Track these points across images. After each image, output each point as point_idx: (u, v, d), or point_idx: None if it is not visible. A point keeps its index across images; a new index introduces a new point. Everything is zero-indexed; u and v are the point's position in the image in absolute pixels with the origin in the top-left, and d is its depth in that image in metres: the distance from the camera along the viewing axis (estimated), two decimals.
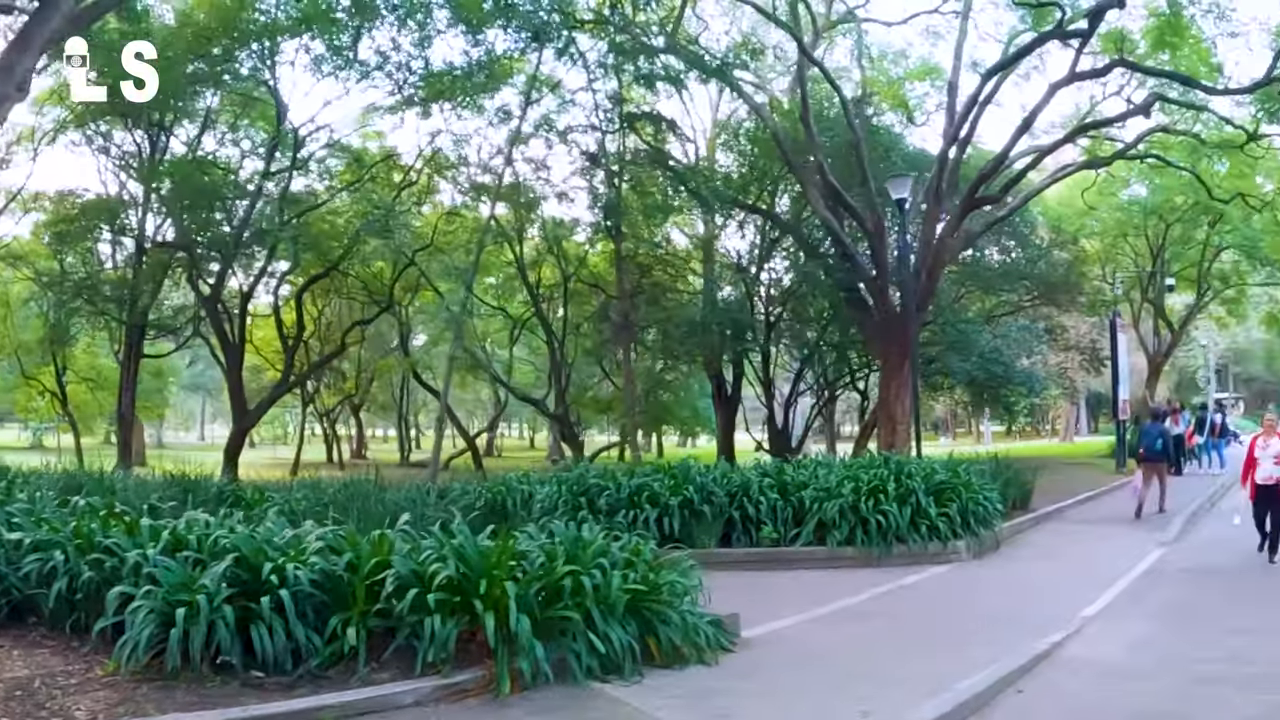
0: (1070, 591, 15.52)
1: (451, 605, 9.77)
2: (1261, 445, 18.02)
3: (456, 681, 9.49)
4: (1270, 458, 17.68)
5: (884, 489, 18.49)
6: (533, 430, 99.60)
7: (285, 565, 9.86)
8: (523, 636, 9.44)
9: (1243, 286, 61.45)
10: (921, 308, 31.07)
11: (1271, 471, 17.53)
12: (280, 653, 9.43)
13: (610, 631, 10.07)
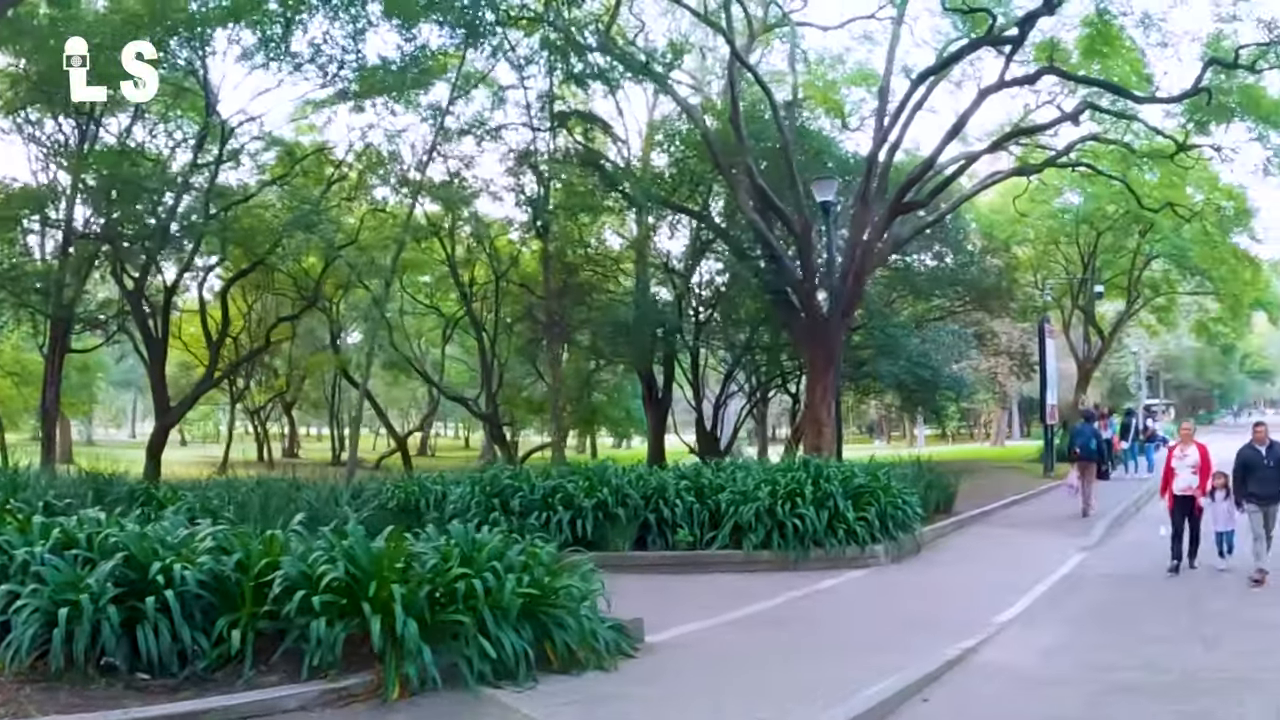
0: (988, 596, 15.41)
1: (340, 608, 9.53)
2: (1179, 455, 17.88)
3: (343, 686, 9.25)
4: (1188, 468, 17.48)
5: (801, 492, 18.25)
6: (468, 430, 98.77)
7: (173, 565, 9.58)
8: (410, 640, 9.22)
9: (1173, 295, 61.80)
10: (848, 311, 30.97)
11: (1190, 482, 17.36)
12: (166, 654, 9.18)
13: (503, 636, 9.87)
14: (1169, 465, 18.10)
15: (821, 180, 27.15)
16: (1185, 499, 17.41)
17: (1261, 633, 12.82)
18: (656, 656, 11.47)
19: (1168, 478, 17.95)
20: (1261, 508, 16.19)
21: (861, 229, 30.83)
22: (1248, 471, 16.61)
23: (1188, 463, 17.53)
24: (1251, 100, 33.02)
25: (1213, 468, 17.55)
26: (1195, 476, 17.39)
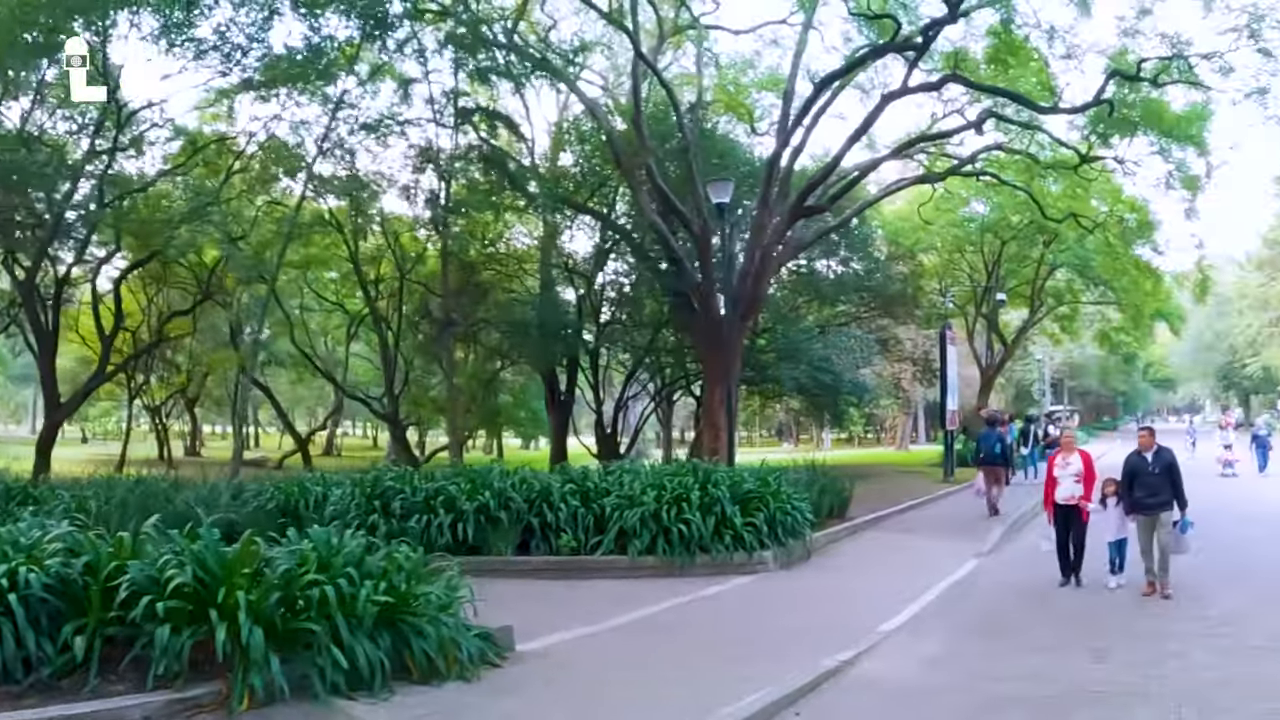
0: (875, 603, 15.13)
1: (187, 614, 9.15)
2: (1061, 463, 17.10)
3: (190, 696, 8.85)
4: (1071, 476, 16.81)
5: (688, 498, 17.93)
6: (375, 430, 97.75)
7: (19, 568, 9.16)
8: (255, 649, 8.85)
9: (1076, 304, 62.49)
10: (747, 315, 30.83)
11: (1073, 491, 16.72)
12: (11, 661, 8.78)
13: (358, 645, 9.53)
14: (1050, 474, 17.34)
15: (718, 181, 26.48)
16: (1067, 509, 16.76)
17: (1152, 643, 12.58)
18: (525, 666, 11.16)
19: (1050, 487, 17.22)
20: (1147, 516, 15.70)
21: (762, 232, 30.69)
22: (1134, 479, 16.04)
23: (1070, 471, 16.82)
24: (1154, 114, 33.24)
25: (1097, 476, 16.91)
26: (1078, 486, 16.68)
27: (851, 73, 32.04)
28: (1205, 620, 13.83)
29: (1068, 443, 17.99)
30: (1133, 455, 16.37)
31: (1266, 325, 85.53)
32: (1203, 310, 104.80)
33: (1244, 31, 29.01)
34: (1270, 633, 12.86)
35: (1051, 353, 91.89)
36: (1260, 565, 18.26)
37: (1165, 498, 15.69)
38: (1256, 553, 19.78)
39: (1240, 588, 15.98)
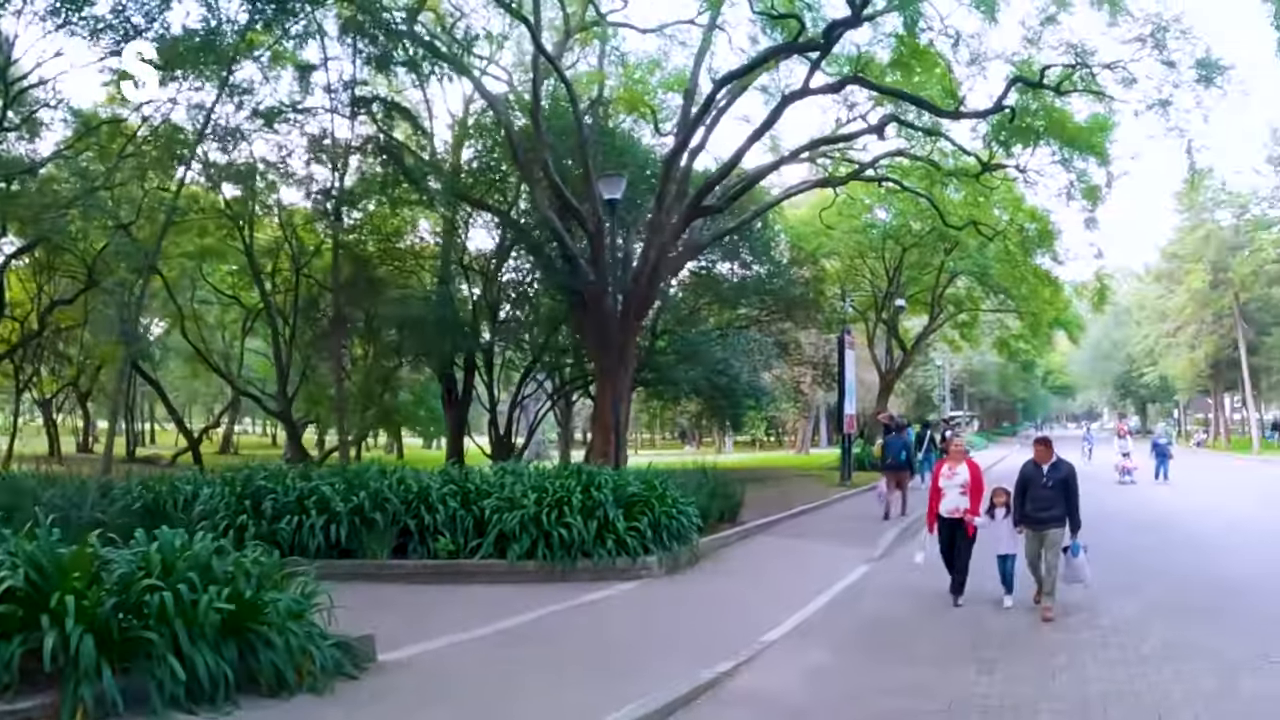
0: (759, 612, 14.72)
1: (18, 620, 8.57)
2: (947, 474, 16.00)
3: (19, 709, 8.26)
4: (956, 487, 15.72)
5: (569, 500, 17.46)
6: (274, 427, 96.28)
7: None
8: (85, 659, 8.28)
9: (976, 312, 62.92)
10: (640, 314, 30.38)
11: (959, 503, 15.63)
12: None
13: (199, 656, 8.98)
14: (935, 484, 16.17)
15: (609, 177, 25.55)
16: (951, 522, 15.68)
17: (1042, 655, 12.31)
18: (385, 678, 10.65)
19: (934, 498, 16.04)
20: (1036, 531, 14.90)
21: (658, 231, 30.21)
22: (1026, 490, 15.10)
23: (956, 482, 15.71)
24: (1056, 124, 33.21)
25: (986, 487, 15.84)
26: (965, 498, 15.58)
27: (753, 72, 31.62)
28: (1097, 630, 13.57)
29: (955, 452, 16.60)
30: (1028, 464, 15.41)
31: (1163, 336, 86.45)
32: (1102, 320, 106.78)
33: (1148, 41, 29.04)
34: (1162, 642, 12.59)
35: (952, 359, 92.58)
36: (1153, 573, 18.00)
37: (1057, 514, 14.72)
38: (1150, 561, 19.56)
39: (1133, 596, 15.70)
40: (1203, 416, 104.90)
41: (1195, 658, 11.70)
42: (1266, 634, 12.79)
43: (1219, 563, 19.28)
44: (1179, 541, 22.84)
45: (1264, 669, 11.18)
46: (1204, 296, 78.38)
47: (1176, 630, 13.20)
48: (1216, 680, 10.77)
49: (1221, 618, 13.98)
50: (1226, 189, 79.08)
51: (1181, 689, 10.49)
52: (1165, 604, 15.24)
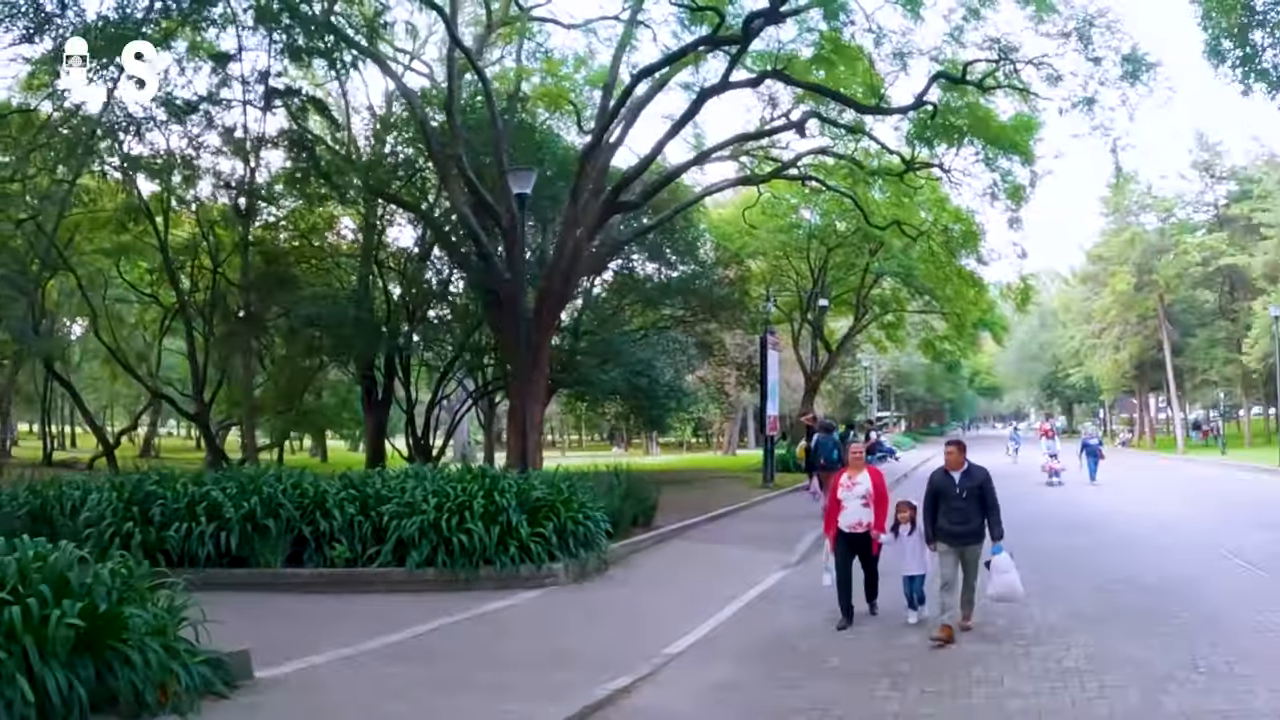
0: (666, 621, 14.15)
1: None
2: (846, 484, 14.45)
3: None
4: (857, 499, 14.21)
5: (470, 506, 16.77)
6: (198, 430, 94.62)
7: None
8: None
9: (901, 313, 63.06)
10: (554, 313, 29.63)
11: (860, 516, 14.14)
12: None
13: (50, 675, 8.22)
14: (834, 496, 14.56)
15: (518, 172, 24.83)
16: (853, 538, 14.21)
17: (958, 668, 11.66)
18: (258, 697, 9.96)
19: (833, 511, 14.46)
20: (953, 548, 13.29)
21: (573, 228, 29.37)
22: (938, 502, 13.53)
23: (857, 493, 14.20)
24: (980, 122, 32.90)
25: (889, 498, 14.53)
26: (867, 510, 14.13)
27: (673, 66, 30.89)
28: (1019, 639, 12.95)
29: (855, 459, 15.04)
30: (938, 473, 13.80)
31: (1089, 337, 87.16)
32: (1028, 322, 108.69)
33: (1073, 35, 28.80)
34: (1087, 652, 11.99)
35: (879, 360, 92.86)
36: (1080, 577, 17.49)
37: (975, 526, 13.23)
38: (1077, 563, 19.10)
39: (1058, 602, 15.06)
40: (1128, 416, 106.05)
41: (1121, 669, 11.18)
42: (1195, 641, 12.28)
43: (1148, 565, 18.78)
44: (1108, 543, 22.41)
45: (1192, 682, 10.61)
46: (1129, 298, 78.92)
47: (1102, 639, 12.66)
48: (1142, 695, 10.20)
49: (1150, 624, 13.49)
50: (1152, 193, 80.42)
51: (1106, 706, 9.95)
52: (1092, 610, 14.61)
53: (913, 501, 14.43)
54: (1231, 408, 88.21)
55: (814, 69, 31.84)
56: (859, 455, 15.21)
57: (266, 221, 37.65)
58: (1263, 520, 25.61)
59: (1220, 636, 12.54)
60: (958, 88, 31.16)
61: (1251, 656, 11.47)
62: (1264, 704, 9.81)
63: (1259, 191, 71.37)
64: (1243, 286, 76.40)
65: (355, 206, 37.76)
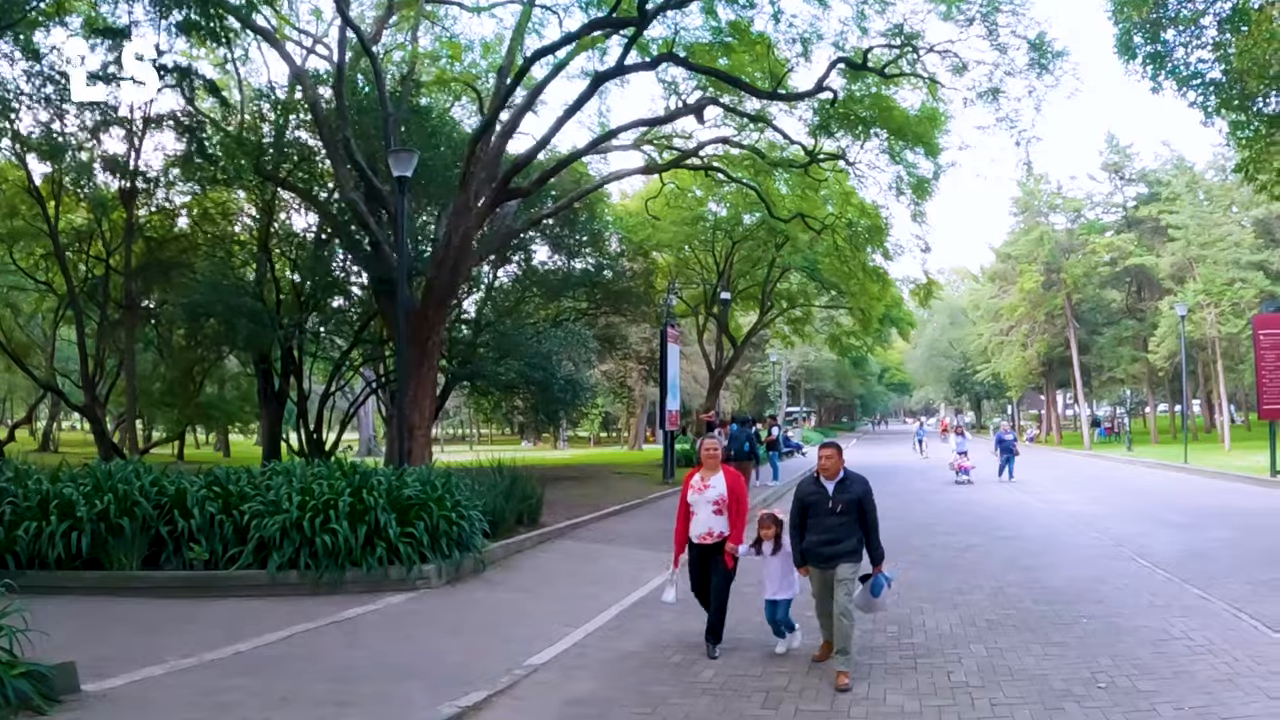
0: (536, 629, 13.31)
1: None
2: (698, 485, 12.33)
3: None
4: (709, 504, 12.11)
5: (335, 504, 15.81)
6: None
7: None
8: None
9: (809, 308, 62.83)
10: (443, 303, 28.46)
11: (711, 524, 12.05)
12: None
13: None
14: (684, 500, 12.45)
15: (399, 153, 23.44)
16: (704, 550, 12.14)
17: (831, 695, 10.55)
18: (79, 713, 9.15)
19: (682, 519, 12.40)
20: (822, 571, 11.31)
21: (462, 215, 28.14)
22: (807, 517, 11.47)
23: (709, 497, 12.08)
24: (884, 113, 32.53)
25: (747, 506, 12.43)
26: (720, 518, 12.03)
27: (572, 49, 29.89)
28: (906, 650, 12.10)
29: (708, 456, 12.54)
30: (807, 482, 11.68)
31: (997, 335, 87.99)
32: (938, 319, 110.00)
33: (977, 20, 28.36)
34: (979, 666, 11.16)
35: (789, 356, 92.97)
36: (980, 580, 16.64)
37: (850, 545, 11.12)
38: (978, 566, 18.29)
39: (953, 609, 14.32)
40: (1035, 412, 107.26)
41: (1015, 684, 10.40)
42: (1097, 652, 11.51)
43: (1051, 566, 18.07)
44: (1009, 542, 21.67)
45: (1091, 699, 9.79)
46: (1037, 297, 79.93)
47: (997, 649, 11.88)
48: (1035, 716, 9.38)
49: (1050, 632, 12.69)
50: (1062, 193, 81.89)
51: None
52: (988, 616, 13.79)
53: (778, 514, 12.37)
54: (1137, 404, 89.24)
55: (715, 55, 31.17)
56: (713, 453, 12.52)
57: (162, 207, 36.37)
58: (1169, 519, 25.23)
59: (1123, 647, 11.77)
60: (861, 76, 30.69)
61: (1154, 670, 10.72)
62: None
63: (1168, 194, 72.81)
64: (1149, 286, 78.27)
65: (250, 192, 36.63)
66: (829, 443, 12.06)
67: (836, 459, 11.49)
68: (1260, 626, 12.58)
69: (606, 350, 48.89)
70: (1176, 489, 35.90)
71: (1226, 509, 27.55)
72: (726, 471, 12.47)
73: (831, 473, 11.41)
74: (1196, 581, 15.80)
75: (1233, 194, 71.46)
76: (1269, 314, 38.06)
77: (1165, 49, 26.58)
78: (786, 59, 31.51)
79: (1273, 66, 23.81)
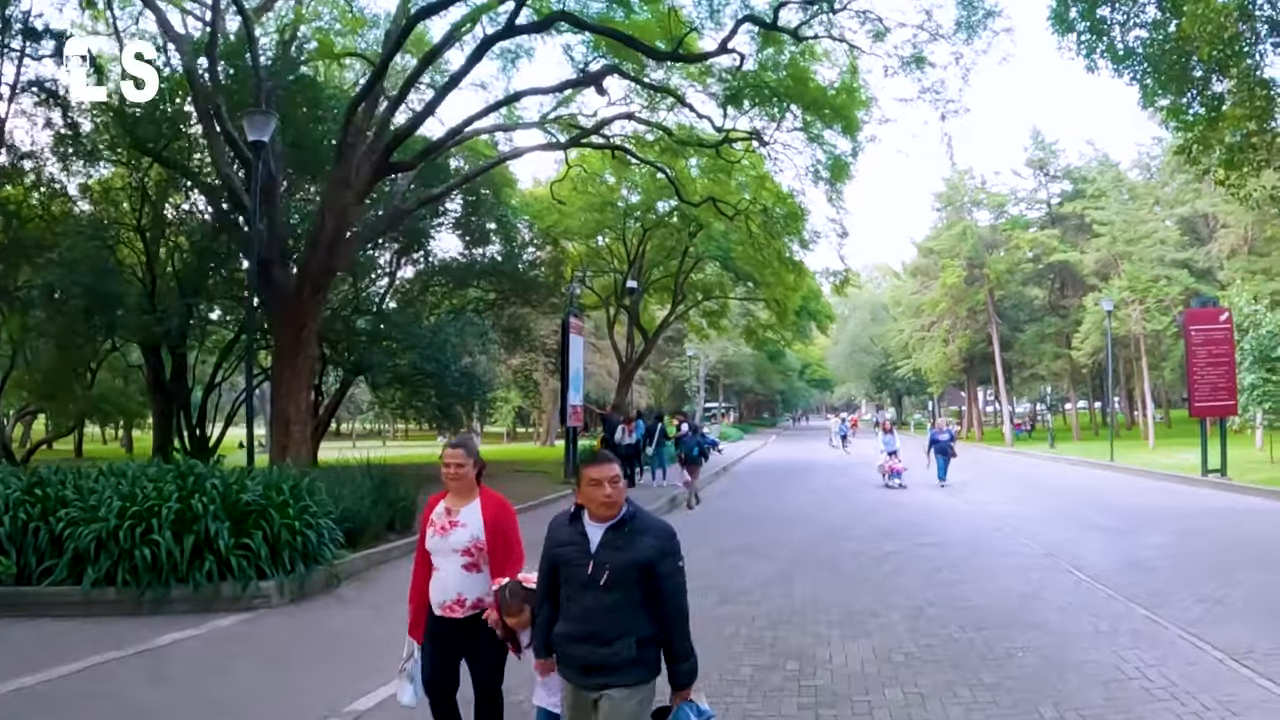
0: (376, 659, 10.79)
1: None
2: (441, 524, 7.43)
3: None
4: (454, 553, 7.30)
5: (159, 511, 13.66)
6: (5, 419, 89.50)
7: None
8: None
9: (724, 300, 62.44)
10: (320, 286, 26.07)
11: (461, 587, 7.24)
12: None
13: None
14: (420, 546, 7.59)
15: (254, 116, 21.19)
16: (450, 628, 7.29)
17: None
18: None
19: (420, 576, 7.61)
20: (577, 689, 6.00)
21: (340, 190, 25.82)
22: (557, 581, 6.18)
23: (455, 542, 7.33)
24: (798, 82, 30.78)
25: (522, 553, 7.43)
26: (473, 577, 7.27)
27: (459, 7, 27.81)
28: (807, 696, 9.79)
29: (455, 479, 7.47)
30: (560, 524, 6.25)
31: (918, 330, 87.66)
32: (860, 316, 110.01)
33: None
34: (891, 715, 9.08)
35: (708, 350, 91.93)
36: (893, 599, 14.39)
37: (623, 651, 5.79)
38: (890, 580, 16.14)
39: (862, 637, 12.06)
40: (956, 409, 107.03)
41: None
42: (1039, 698, 9.39)
43: (976, 580, 15.97)
44: (930, 552, 19.44)
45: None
46: (960, 292, 79.74)
47: (918, 694, 9.67)
48: None
49: (979, 667, 10.54)
50: (986, 188, 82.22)
51: None
52: (907, 648, 11.47)
53: (529, 583, 6.70)
54: (1058, 401, 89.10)
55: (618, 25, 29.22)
56: (459, 471, 7.41)
57: (33, 183, 33.98)
58: (1100, 522, 23.57)
59: (1069, 689, 9.66)
60: (774, 40, 28.86)
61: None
62: None
63: (1092, 191, 72.91)
64: (1072, 283, 78.78)
65: (126, 168, 34.30)
66: (596, 458, 6.14)
67: (609, 490, 5.95)
68: (1226, 660, 10.60)
69: (513, 343, 47.11)
70: (1103, 488, 34.57)
71: (1158, 510, 26.21)
72: (487, 497, 7.54)
73: (603, 513, 5.97)
74: (1141, 599, 13.91)
75: (1157, 193, 73.08)
76: (1200, 309, 36.82)
77: (1104, 26, 25.22)
78: (691, 20, 29.71)
79: (1227, 29, 22.45)
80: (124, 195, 36.63)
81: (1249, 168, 25.69)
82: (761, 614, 13.42)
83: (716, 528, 23.93)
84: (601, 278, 56.57)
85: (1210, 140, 25.24)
